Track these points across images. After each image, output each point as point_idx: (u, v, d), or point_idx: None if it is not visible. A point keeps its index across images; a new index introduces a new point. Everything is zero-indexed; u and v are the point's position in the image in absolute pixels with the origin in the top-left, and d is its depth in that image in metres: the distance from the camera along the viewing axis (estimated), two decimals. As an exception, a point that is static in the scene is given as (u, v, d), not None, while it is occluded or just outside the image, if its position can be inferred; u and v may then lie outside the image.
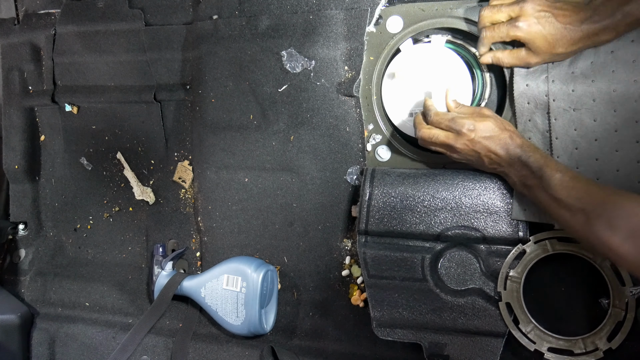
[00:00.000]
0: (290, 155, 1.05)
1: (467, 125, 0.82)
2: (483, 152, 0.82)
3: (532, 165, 0.78)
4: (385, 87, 0.99)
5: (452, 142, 0.83)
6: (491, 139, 0.81)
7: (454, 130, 0.83)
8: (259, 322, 1.01)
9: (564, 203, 0.73)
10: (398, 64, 0.97)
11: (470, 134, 0.82)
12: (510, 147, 0.80)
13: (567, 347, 0.84)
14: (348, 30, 0.99)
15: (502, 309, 0.87)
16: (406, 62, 0.96)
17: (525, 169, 0.79)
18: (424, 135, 0.87)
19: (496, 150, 0.81)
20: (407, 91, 0.97)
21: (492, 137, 0.81)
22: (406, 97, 0.97)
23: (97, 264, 1.24)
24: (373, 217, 0.92)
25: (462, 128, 0.82)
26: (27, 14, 1.26)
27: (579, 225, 0.72)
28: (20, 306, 1.21)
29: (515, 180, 0.82)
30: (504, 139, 0.81)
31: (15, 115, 1.26)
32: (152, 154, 1.19)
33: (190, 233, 1.17)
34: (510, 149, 0.80)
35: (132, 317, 1.17)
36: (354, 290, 1.02)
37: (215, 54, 1.08)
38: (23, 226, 1.29)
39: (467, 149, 0.83)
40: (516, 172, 0.80)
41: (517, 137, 0.81)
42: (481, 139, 0.82)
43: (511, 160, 0.80)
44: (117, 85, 1.19)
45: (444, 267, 0.91)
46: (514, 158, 0.80)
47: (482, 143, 0.82)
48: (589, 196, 0.71)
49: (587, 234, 0.71)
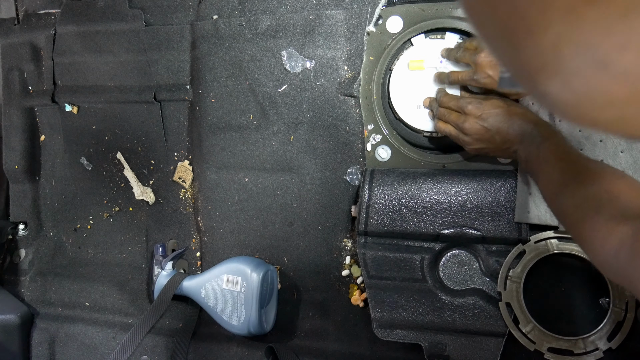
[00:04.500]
0: (290, 155, 1.05)
1: (475, 103, 0.82)
2: (494, 129, 0.80)
3: (537, 138, 0.74)
4: (394, 79, 0.98)
5: (462, 122, 0.82)
6: (501, 115, 0.79)
7: (462, 109, 0.83)
8: (259, 322, 1.01)
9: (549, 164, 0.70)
10: (410, 56, 0.97)
11: (478, 111, 0.81)
12: (523, 125, 0.77)
13: (567, 347, 0.84)
14: (348, 30, 0.99)
15: (502, 309, 0.87)
16: (418, 55, 0.96)
17: (532, 144, 0.75)
18: (439, 113, 0.87)
19: (507, 126, 0.78)
20: (416, 84, 0.97)
21: (501, 114, 0.80)
22: (414, 90, 0.97)
23: (97, 264, 1.23)
24: (373, 218, 0.91)
25: (470, 105, 0.82)
26: (27, 14, 1.26)
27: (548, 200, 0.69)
28: (20, 306, 1.21)
29: (521, 157, 0.78)
30: (515, 114, 0.79)
31: (15, 115, 1.26)
32: (152, 154, 1.19)
33: (190, 233, 1.17)
34: (523, 127, 0.77)
35: (132, 317, 1.17)
36: (354, 290, 1.02)
37: (215, 54, 1.07)
38: (23, 226, 1.29)
39: (477, 127, 0.81)
40: (524, 149, 0.77)
41: (530, 114, 0.79)
42: (490, 115, 0.80)
43: (522, 135, 0.77)
44: (117, 85, 1.19)
45: (444, 268, 0.91)
46: (525, 133, 0.77)
47: (491, 119, 0.80)
48: (564, 172, 0.67)
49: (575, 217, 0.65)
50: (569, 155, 0.69)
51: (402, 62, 0.97)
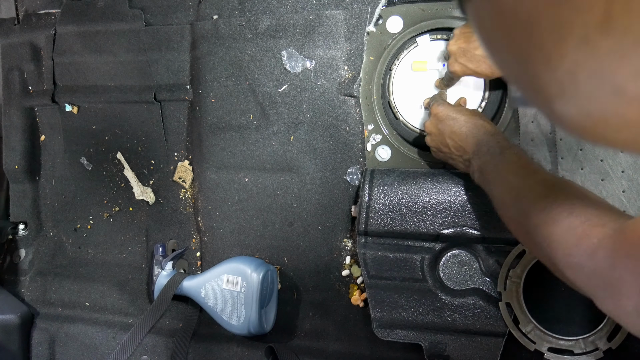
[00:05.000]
0: (290, 155, 1.05)
1: (440, 104, 0.83)
2: (447, 132, 0.80)
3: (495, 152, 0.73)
4: (397, 79, 0.99)
5: (428, 123, 0.84)
6: (460, 122, 0.80)
7: (431, 108, 0.85)
8: (259, 322, 1.01)
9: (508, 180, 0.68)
10: (414, 57, 0.97)
11: (440, 113, 0.82)
12: (480, 135, 0.77)
13: (567, 347, 0.84)
14: (348, 30, 0.99)
15: (502, 309, 0.87)
16: (422, 56, 0.97)
17: (487, 154, 0.74)
18: (433, 108, 0.88)
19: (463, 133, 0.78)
20: (418, 85, 0.97)
21: (461, 121, 0.80)
22: (416, 91, 0.97)
23: (97, 264, 1.23)
24: (373, 218, 0.91)
25: (437, 106, 0.83)
26: (27, 14, 1.26)
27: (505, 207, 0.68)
28: (20, 306, 1.21)
29: (474, 167, 0.77)
30: (475, 125, 0.78)
31: (15, 115, 1.26)
32: (152, 154, 1.19)
33: (190, 233, 1.17)
34: (480, 137, 0.77)
35: (132, 317, 1.17)
36: (354, 290, 1.02)
37: (215, 54, 1.07)
38: (23, 226, 1.29)
39: (433, 129, 0.83)
40: (478, 159, 0.76)
41: (490, 127, 0.78)
42: (449, 118, 0.81)
43: (478, 146, 0.76)
44: (117, 85, 1.19)
45: (444, 268, 0.91)
46: (481, 145, 0.76)
47: (449, 122, 0.81)
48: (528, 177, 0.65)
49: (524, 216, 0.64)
50: (532, 164, 0.68)
51: (405, 62, 0.98)
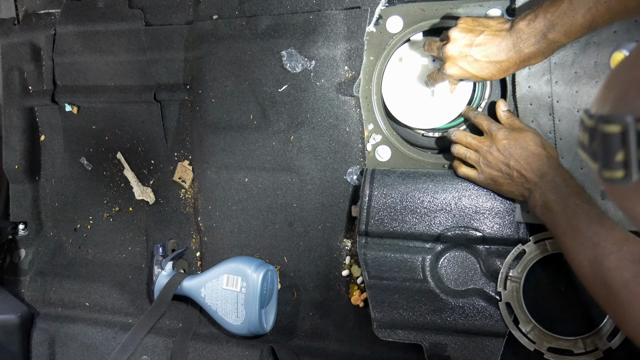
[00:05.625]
0: (290, 155, 1.05)
1: (505, 131, 0.81)
2: (513, 162, 0.79)
3: (563, 192, 0.74)
4: (388, 73, 0.99)
5: (487, 147, 0.82)
6: (527, 150, 0.79)
7: (492, 132, 0.82)
8: (259, 322, 1.01)
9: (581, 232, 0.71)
10: (406, 50, 0.98)
11: (505, 142, 0.80)
12: (545, 166, 0.77)
13: (567, 347, 0.84)
14: (348, 30, 0.99)
15: (502, 309, 0.87)
16: (414, 50, 0.97)
17: (554, 193, 0.75)
18: (458, 136, 0.87)
19: (529, 164, 0.78)
20: (406, 79, 0.97)
21: (527, 149, 0.79)
22: (406, 85, 0.97)
23: (97, 264, 1.24)
24: (373, 219, 0.91)
25: (501, 132, 0.81)
26: (27, 14, 1.26)
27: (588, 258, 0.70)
28: (20, 306, 1.21)
29: (537, 200, 0.78)
30: (541, 155, 0.78)
31: (15, 115, 1.26)
32: (152, 154, 1.19)
33: (190, 233, 1.17)
34: (544, 168, 0.77)
35: (132, 317, 1.17)
36: (354, 290, 1.02)
37: (215, 54, 1.07)
38: (23, 226, 1.29)
39: (499, 156, 0.80)
40: (542, 193, 0.77)
41: (554, 158, 0.79)
42: (517, 147, 0.79)
43: (543, 179, 0.77)
44: (117, 85, 1.19)
45: (444, 268, 0.91)
46: (546, 178, 0.77)
47: (517, 152, 0.79)
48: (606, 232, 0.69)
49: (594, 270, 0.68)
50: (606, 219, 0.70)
51: (394, 56, 0.98)
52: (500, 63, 0.79)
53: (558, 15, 0.71)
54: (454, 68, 0.82)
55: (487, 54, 0.79)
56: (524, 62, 0.78)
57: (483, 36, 0.79)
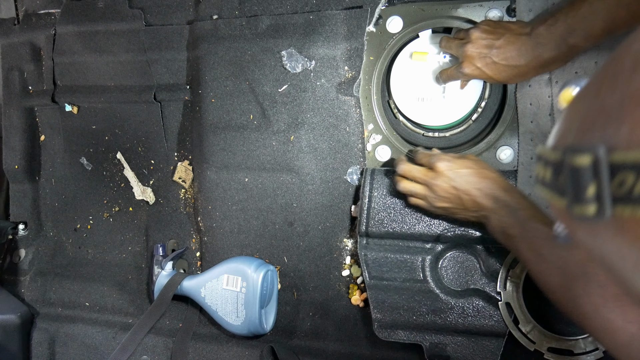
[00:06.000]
0: (290, 155, 1.05)
1: (445, 160, 0.81)
2: (463, 190, 0.79)
3: (519, 215, 0.74)
4: (396, 69, 0.98)
5: (431, 178, 0.81)
6: (471, 176, 0.79)
7: (432, 165, 0.82)
8: (259, 322, 1.01)
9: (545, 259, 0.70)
10: (415, 47, 0.97)
11: (448, 172, 0.80)
12: (495, 188, 0.77)
13: (567, 347, 0.84)
14: (348, 30, 0.99)
15: (502, 309, 0.87)
16: (423, 47, 0.97)
17: (510, 217, 0.75)
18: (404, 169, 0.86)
19: (480, 189, 0.78)
20: (417, 76, 0.97)
21: (471, 175, 0.79)
22: (415, 82, 0.97)
23: (97, 264, 1.24)
24: (373, 220, 0.92)
25: (440, 163, 0.81)
26: (27, 14, 1.26)
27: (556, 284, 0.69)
28: (20, 306, 1.21)
29: (495, 227, 0.78)
30: (485, 177, 0.79)
31: (15, 115, 1.26)
32: (152, 154, 1.19)
33: (190, 233, 1.17)
34: (496, 191, 0.77)
35: (132, 317, 1.17)
36: (354, 290, 1.02)
37: (215, 54, 1.07)
38: (23, 226, 1.29)
39: (446, 187, 0.80)
40: (498, 219, 0.77)
41: (501, 181, 0.79)
42: (462, 175, 0.79)
43: (497, 204, 0.77)
44: (117, 85, 1.19)
45: (444, 268, 0.91)
46: (500, 202, 0.77)
47: (460, 179, 0.79)
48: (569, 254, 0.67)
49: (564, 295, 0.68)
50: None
51: (405, 53, 0.98)
52: (519, 68, 0.78)
53: (578, 19, 0.70)
54: (472, 68, 0.81)
55: (506, 57, 0.78)
56: (543, 67, 0.77)
57: (503, 39, 0.78)
